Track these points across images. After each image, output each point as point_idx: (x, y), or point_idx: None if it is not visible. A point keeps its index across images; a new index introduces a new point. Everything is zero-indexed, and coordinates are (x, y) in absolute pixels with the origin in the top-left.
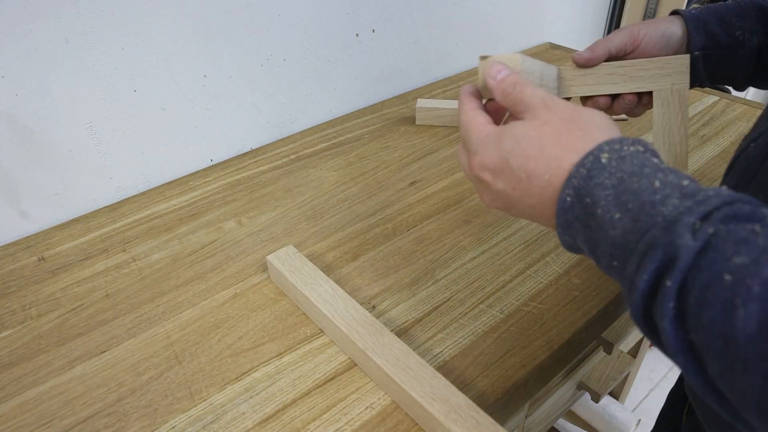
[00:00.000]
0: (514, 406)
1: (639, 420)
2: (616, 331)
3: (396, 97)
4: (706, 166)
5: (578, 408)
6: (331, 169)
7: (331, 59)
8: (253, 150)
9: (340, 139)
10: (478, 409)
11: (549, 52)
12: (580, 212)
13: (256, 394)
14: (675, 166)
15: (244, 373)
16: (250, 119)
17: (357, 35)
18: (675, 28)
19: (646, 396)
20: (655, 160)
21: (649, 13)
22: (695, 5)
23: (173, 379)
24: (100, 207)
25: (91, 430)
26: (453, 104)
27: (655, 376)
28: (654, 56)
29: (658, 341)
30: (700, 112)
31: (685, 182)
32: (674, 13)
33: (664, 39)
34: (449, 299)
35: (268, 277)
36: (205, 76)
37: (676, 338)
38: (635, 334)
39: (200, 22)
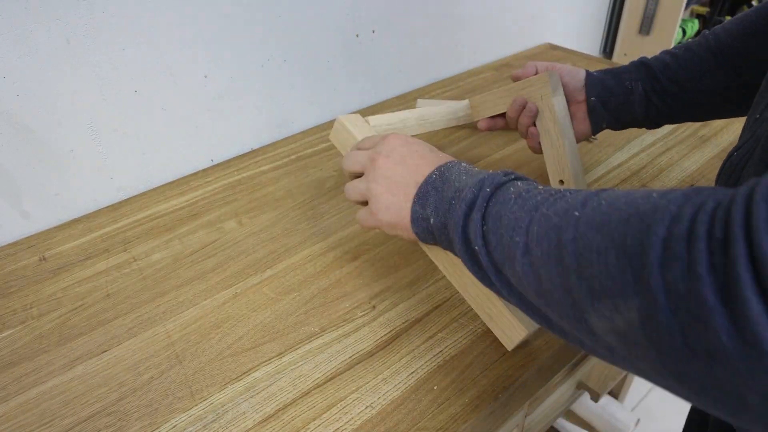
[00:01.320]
0: (513, 406)
1: (638, 419)
2: None
3: (396, 97)
4: (706, 166)
5: (578, 407)
6: (331, 169)
7: (331, 59)
8: (254, 150)
9: None
10: None
11: (549, 53)
12: (438, 182)
13: (257, 393)
14: (556, 161)
15: (244, 373)
16: (251, 119)
17: (357, 35)
18: (581, 77)
19: (646, 395)
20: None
21: (648, 14)
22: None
23: (174, 379)
24: (101, 207)
25: (92, 430)
26: (453, 104)
27: None
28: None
29: (475, 263)
30: None
31: (501, 171)
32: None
33: (572, 74)
34: (449, 299)
35: (274, 274)
36: (205, 76)
37: (487, 257)
38: None
39: (201, 22)
